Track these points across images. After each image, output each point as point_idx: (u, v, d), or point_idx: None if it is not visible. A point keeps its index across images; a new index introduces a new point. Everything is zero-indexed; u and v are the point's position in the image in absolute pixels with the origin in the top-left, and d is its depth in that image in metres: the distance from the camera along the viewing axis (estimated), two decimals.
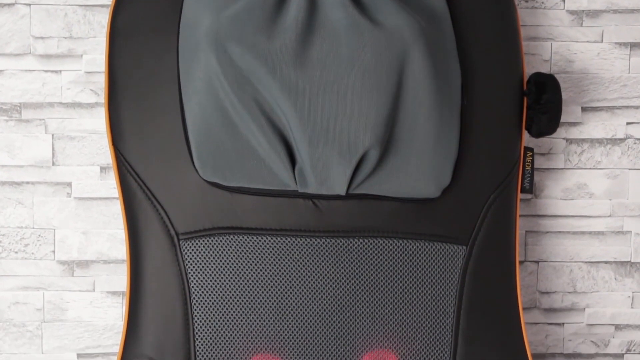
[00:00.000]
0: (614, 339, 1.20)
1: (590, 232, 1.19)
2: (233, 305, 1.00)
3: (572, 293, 1.20)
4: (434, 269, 1.01)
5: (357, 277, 1.01)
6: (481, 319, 1.02)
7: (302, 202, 1.01)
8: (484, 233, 1.03)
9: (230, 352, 0.99)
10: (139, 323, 1.01)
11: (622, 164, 1.19)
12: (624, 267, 1.20)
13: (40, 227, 1.16)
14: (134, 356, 1.00)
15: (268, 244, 1.01)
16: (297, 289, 1.00)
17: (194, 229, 1.01)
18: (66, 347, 1.17)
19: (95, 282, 1.17)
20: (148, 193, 1.01)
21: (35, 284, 1.17)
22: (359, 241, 1.01)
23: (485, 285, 1.03)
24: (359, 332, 1.00)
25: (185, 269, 1.00)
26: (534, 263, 1.19)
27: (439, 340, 1.01)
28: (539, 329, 1.20)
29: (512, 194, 1.05)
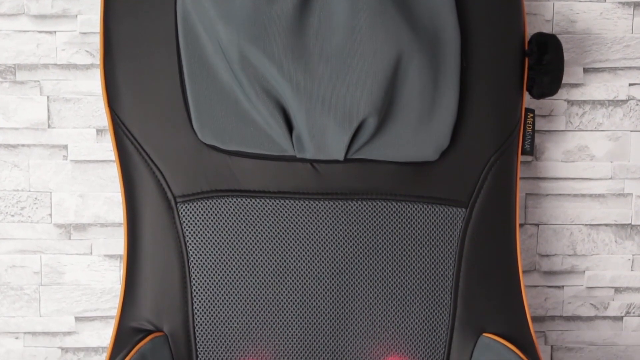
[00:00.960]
0: (613, 301, 1.20)
1: (591, 194, 1.18)
2: (231, 268, 0.99)
3: (572, 256, 1.19)
4: (433, 232, 1.01)
5: (356, 240, 1.00)
6: (481, 281, 1.01)
7: (301, 165, 1.00)
8: (483, 196, 1.02)
9: (228, 314, 0.99)
10: (136, 286, 1.00)
11: (624, 125, 1.17)
12: (625, 229, 1.19)
13: (37, 190, 1.15)
14: (132, 319, 1.00)
15: (266, 207, 1.00)
16: (295, 251, 1.00)
17: (191, 192, 1.00)
18: (64, 310, 1.17)
19: (93, 246, 1.16)
20: (145, 155, 1.00)
21: (32, 247, 1.16)
22: (357, 203, 1.00)
23: (484, 248, 1.02)
24: (358, 294, 1.00)
25: (183, 231, 1.00)
26: (534, 226, 1.19)
27: (439, 303, 1.00)
28: (539, 291, 1.20)
29: (513, 156, 1.04)
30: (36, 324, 1.17)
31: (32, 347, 1.17)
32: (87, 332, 1.17)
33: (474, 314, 1.01)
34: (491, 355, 0.97)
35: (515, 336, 1.00)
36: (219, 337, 0.99)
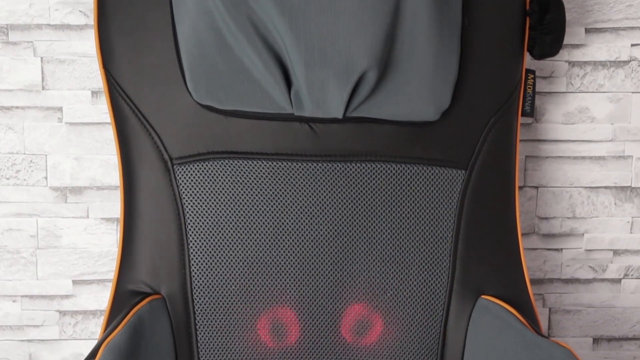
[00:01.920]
0: (612, 264, 1.20)
1: (591, 156, 1.17)
2: (228, 230, 0.99)
3: (571, 218, 1.19)
4: (432, 194, 1.00)
5: (355, 202, 0.99)
6: (479, 244, 1.01)
7: (298, 126, 0.99)
8: (483, 157, 1.01)
9: (226, 277, 0.98)
10: (133, 249, 1.00)
11: (626, 87, 1.16)
12: (624, 192, 1.18)
13: (32, 153, 1.14)
14: (130, 282, 0.99)
15: (263, 169, 0.99)
16: (293, 214, 0.99)
17: (188, 154, 0.99)
18: (61, 273, 1.16)
19: (89, 209, 1.16)
20: (140, 117, 0.99)
21: (28, 211, 1.15)
22: (356, 165, 0.99)
23: (484, 210, 1.01)
24: (356, 256, 0.99)
25: (180, 194, 0.99)
26: (534, 188, 1.18)
27: (437, 265, 1.00)
28: (537, 254, 1.19)
29: (513, 118, 1.03)
30: (33, 287, 1.17)
31: (30, 310, 1.17)
32: (84, 295, 1.17)
33: (472, 276, 1.00)
34: (489, 317, 0.97)
35: (514, 298, 1.00)
36: (217, 299, 0.98)
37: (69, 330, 1.18)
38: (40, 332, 1.17)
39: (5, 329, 1.17)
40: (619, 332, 1.21)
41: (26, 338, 1.17)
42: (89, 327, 1.18)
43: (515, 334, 0.91)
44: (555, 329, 1.21)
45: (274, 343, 1.00)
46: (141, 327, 0.92)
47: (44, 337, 1.18)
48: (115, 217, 1.16)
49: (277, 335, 0.99)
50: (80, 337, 1.18)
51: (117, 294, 1.00)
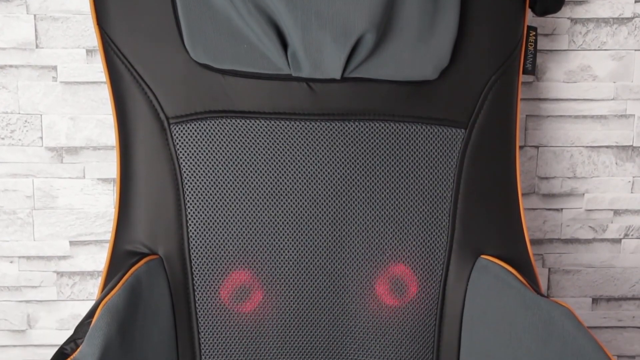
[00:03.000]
0: (612, 224, 1.19)
1: (593, 115, 1.16)
2: (226, 190, 0.98)
3: (571, 178, 1.18)
4: (431, 153, 0.99)
5: (353, 161, 0.98)
6: (479, 203, 1.00)
7: (297, 85, 0.97)
8: (483, 116, 1.00)
9: (223, 237, 0.98)
10: (130, 209, 0.99)
11: (628, 44, 1.14)
12: (626, 151, 1.17)
13: (26, 112, 1.13)
14: (127, 242, 0.99)
15: (261, 128, 0.98)
16: (291, 173, 0.98)
17: (184, 113, 0.97)
18: (58, 234, 1.16)
19: (85, 169, 1.15)
20: (136, 75, 0.97)
21: (24, 171, 1.14)
22: (354, 124, 0.98)
23: (483, 170, 1.00)
24: (355, 216, 0.98)
25: (177, 154, 0.98)
26: (534, 148, 1.17)
27: (437, 224, 0.99)
28: (537, 214, 1.19)
29: (514, 76, 1.01)
30: (30, 248, 1.16)
31: (27, 271, 1.17)
32: (82, 256, 1.17)
33: (472, 236, 1.00)
34: (489, 277, 0.96)
35: (513, 258, 0.99)
36: (215, 259, 0.98)
37: (67, 291, 1.17)
38: (38, 293, 1.17)
39: (2, 289, 1.17)
40: (618, 292, 1.21)
41: (24, 299, 1.17)
42: (86, 288, 1.17)
43: (514, 293, 0.91)
44: (554, 289, 1.21)
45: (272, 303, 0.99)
46: (139, 287, 0.91)
47: (42, 298, 1.17)
48: (112, 177, 1.15)
49: (277, 293, 0.99)
50: (78, 298, 1.18)
51: (114, 255, 0.99)
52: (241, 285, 0.98)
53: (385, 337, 1.00)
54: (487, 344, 0.93)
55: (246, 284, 0.98)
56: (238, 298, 0.99)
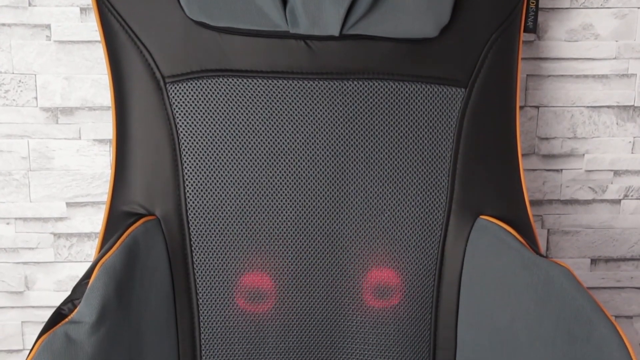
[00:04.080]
0: (612, 184, 1.18)
1: (594, 75, 1.14)
2: (223, 150, 0.97)
3: (572, 139, 1.17)
4: (431, 113, 0.98)
5: (352, 120, 0.97)
6: (479, 164, 0.99)
7: (294, 43, 0.96)
8: (484, 75, 0.99)
9: (221, 198, 0.97)
10: (126, 170, 0.98)
11: (631, 2, 1.13)
12: (627, 111, 1.16)
13: (20, 72, 1.11)
14: (123, 203, 0.98)
15: (259, 87, 0.96)
16: (289, 133, 0.97)
17: (180, 72, 0.96)
18: (54, 196, 1.15)
19: (81, 130, 1.13)
20: (131, 34, 0.96)
21: (19, 132, 1.13)
22: (353, 83, 0.97)
23: (483, 130, 1.00)
24: (353, 176, 0.98)
25: (173, 113, 0.97)
26: (534, 108, 1.16)
27: (436, 185, 0.99)
28: (537, 175, 1.18)
29: (515, 34, 1.00)
30: (27, 210, 1.15)
31: (24, 232, 1.16)
32: (78, 217, 1.16)
33: (471, 197, 0.99)
34: (488, 237, 0.96)
35: (513, 219, 0.99)
36: (212, 220, 0.97)
37: (64, 253, 1.17)
38: (35, 254, 1.17)
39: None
40: (617, 253, 1.21)
41: (21, 260, 1.17)
42: (84, 250, 1.17)
43: (513, 253, 0.90)
44: (553, 250, 1.20)
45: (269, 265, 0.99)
46: (136, 248, 0.91)
47: (39, 259, 1.17)
48: (108, 138, 1.14)
49: (274, 254, 0.98)
50: (75, 260, 1.17)
51: (110, 215, 0.98)
52: (239, 245, 0.98)
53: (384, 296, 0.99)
54: (486, 304, 0.93)
55: (244, 244, 0.98)
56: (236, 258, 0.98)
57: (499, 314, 0.90)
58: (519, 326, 0.86)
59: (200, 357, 0.98)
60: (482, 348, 0.93)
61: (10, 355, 1.20)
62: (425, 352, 1.00)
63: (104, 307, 0.80)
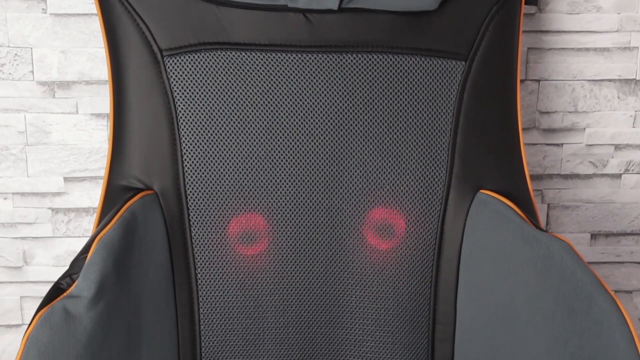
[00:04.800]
0: (612, 159, 1.18)
1: (596, 48, 1.13)
2: (222, 124, 0.96)
3: (572, 113, 1.16)
4: (431, 86, 0.97)
5: (351, 94, 0.96)
6: (479, 138, 0.99)
7: (293, 16, 0.95)
8: (484, 48, 0.98)
9: (219, 171, 0.96)
10: (124, 144, 0.97)
11: None
12: (629, 85, 1.15)
13: (16, 45, 1.10)
14: (121, 178, 0.97)
15: (257, 60, 0.95)
16: (288, 107, 0.96)
17: (178, 45, 0.95)
18: (52, 170, 1.14)
19: (78, 104, 1.12)
20: (128, 6, 0.95)
21: (16, 106, 1.12)
22: (352, 56, 0.96)
23: (483, 104, 0.99)
24: (353, 150, 0.97)
25: (171, 87, 0.96)
26: (535, 82, 1.15)
27: (435, 159, 0.98)
28: (537, 149, 1.17)
29: (516, 6, 0.99)
30: (24, 185, 1.15)
31: (22, 207, 1.15)
32: (76, 192, 1.15)
33: (471, 171, 0.98)
34: (488, 211, 0.95)
35: (513, 193, 0.98)
36: (211, 194, 0.97)
37: (62, 228, 1.16)
38: (33, 229, 1.16)
39: None
40: (617, 228, 1.20)
41: (19, 235, 1.16)
42: (82, 225, 1.16)
43: (513, 228, 0.90)
44: (553, 225, 1.20)
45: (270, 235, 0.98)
46: (134, 222, 0.90)
47: (37, 234, 1.16)
48: (105, 112, 1.13)
49: (273, 229, 0.98)
50: (73, 235, 1.17)
51: (108, 190, 0.98)
52: (238, 219, 0.97)
53: (383, 273, 0.99)
54: (485, 279, 0.93)
55: (243, 218, 0.97)
56: (235, 233, 0.98)
57: (499, 289, 0.90)
58: (518, 301, 0.86)
59: (200, 330, 0.98)
60: (482, 323, 0.93)
61: (9, 329, 1.20)
62: (424, 327, 1.00)
63: (102, 282, 0.80)
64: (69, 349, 0.74)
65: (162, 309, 0.94)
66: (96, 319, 0.78)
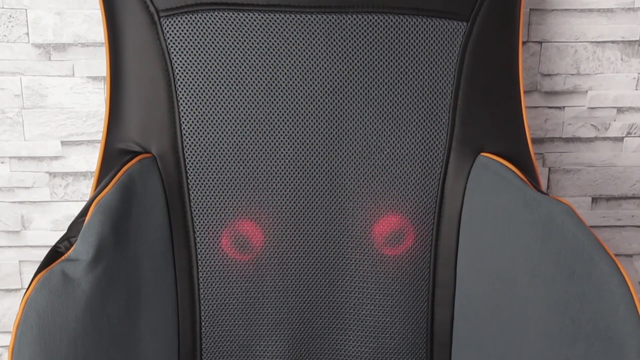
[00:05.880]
0: (615, 122, 1.17)
1: (599, 9, 1.12)
2: (220, 86, 0.95)
3: (575, 75, 1.14)
4: (432, 47, 0.96)
5: (351, 55, 0.95)
6: (480, 100, 0.98)
7: None
8: (486, 8, 0.96)
9: (217, 135, 0.95)
10: (121, 107, 0.96)
11: None
12: (632, 46, 1.14)
13: (10, 7, 1.08)
14: (119, 141, 0.97)
15: (255, 21, 0.94)
16: (287, 68, 0.95)
17: (175, 5, 0.94)
18: (49, 134, 1.13)
19: (75, 67, 1.11)
20: None
21: (11, 69, 1.10)
22: (352, 17, 0.94)
23: (485, 65, 0.97)
24: (352, 112, 0.96)
25: (168, 48, 0.95)
26: (537, 44, 1.13)
27: (436, 121, 0.97)
28: (539, 112, 1.16)
29: None
30: (21, 149, 1.14)
31: (19, 171, 1.15)
32: (74, 156, 1.14)
33: (472, 133, 0.97)
34: (488, 174, 0.95)
35: (514, 156, 0.97)
36: (209, 156, 0.96)
37: (60, 192, 1.16)
38: (31, 194, 1.16)
39: None
40: (619, 191, 1.20)
41: (17, 200, 1.16)
42: (80, 189, 1.16)
43: (514, 190, 0.89)
44: (554, 188, 1.19)
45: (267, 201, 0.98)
46: (132, 185, 0.89)
47: (35, 199, 1.16)
48: (102, 75, 1.11)
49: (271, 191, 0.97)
50: (71, 199, 1.16)
51: (106, 153, 0.97)
52: (236, 181, 0.96)
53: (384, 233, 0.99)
54: (486, 242, 0.92)
55: (241, 180, 0.97)
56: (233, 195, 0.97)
57: (499, 252, 0.89)
58: (518, 264, 0.85)
59: (199, 292, 0.98)
60: (482, 286, 0.93)
61: (8, 294, 1.20)
62: (424, 290, 1.00)
63: (100, 245, 0.79)
64: (67, 312, 0.74)
65: (161, 272, 0.94)
66: (95, 282, 0.77)
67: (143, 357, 0.87)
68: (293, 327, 0.99)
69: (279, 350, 0.99)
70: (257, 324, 0.99)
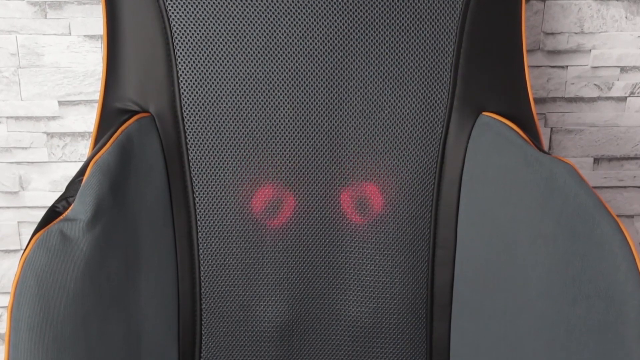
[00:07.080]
0: (618, 81, 1.15)
1: None
2: (218, 44, 0.93)
3: (578, 34, 1.13)
4: (433, 5, 0.94)
5: (351, 13, 0.93)
6: (482, 59, 0.96)
7: None
8: None
9: (216, 94, 0.94)
10: (118, 65, 0.95)
11: None
12: (637, 4, 1.12)
13: None
14: (116, 100, 0.95)
15: None
16: (286, 26, 0.93)
17: None
18: (46, 94, 1.12)
19: (71, 25, 1.09)
20: None
21: (7, 27, 1.09)
22: None
23: (487, 24, 0.96)
24: (353, 71, 0.95)
25: (165, 6, 0.93)
26: (540, 2, 1.11)
27: (437, 80, 0.96)
28: (541, 72, 1.15)
29: None
30: (18, 108, 1.12)
31: (17, 132, 1.14)
32: (71, 116, 1.13)
33: (473, 92, 0.96)
34: (490, 133, 0.94)
35: (516, 115, 0.96)
36: (207, 116, 0.95)
37: (58, 152, 1.15)
38: (29, 154, 1.15)
39: None
40: (621, 152, 1.19)
41: (14, 160, 1.15)
42: (78, 149, 1.15)
43: (516, 150, 0.88)
44: (556, 149, 1.18)
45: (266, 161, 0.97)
46: (130, 145, 0.89)
47: (33, 159, 1.15)
48: (99, 34, 1.10)
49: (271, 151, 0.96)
50: (69, 160, 1.15)
51: (103, 112, 0.96)
52: (235, 141, 0.96)
53: (383, 196, 0.98)
54: (487, 202, 0.92)
55: (240, 140, 0.96)
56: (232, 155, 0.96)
57: (500, 212, 0.89)
58: (520, 223, 0.85)
59: (198, 253, 0.97)
60: (482, 246, 0.92)
61: (7, 254, 1.19)
62: (424, 251, 0.99)
63: (98, 205, 0.79)
64: (66, 272, 0.74)
65: (160, 232, 0.94)
66: (93, 242, 0.77)
67: (143, 317, 0.87)
68: (293, 287, 0.99)
69: (278, 310, 0.99)
70: (257, 284, 0.99)
